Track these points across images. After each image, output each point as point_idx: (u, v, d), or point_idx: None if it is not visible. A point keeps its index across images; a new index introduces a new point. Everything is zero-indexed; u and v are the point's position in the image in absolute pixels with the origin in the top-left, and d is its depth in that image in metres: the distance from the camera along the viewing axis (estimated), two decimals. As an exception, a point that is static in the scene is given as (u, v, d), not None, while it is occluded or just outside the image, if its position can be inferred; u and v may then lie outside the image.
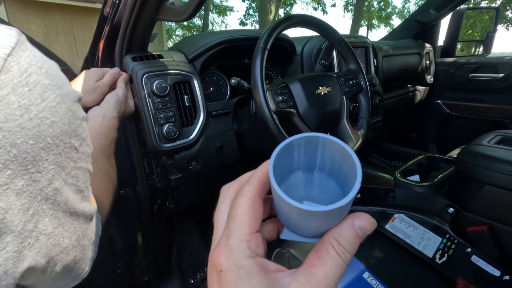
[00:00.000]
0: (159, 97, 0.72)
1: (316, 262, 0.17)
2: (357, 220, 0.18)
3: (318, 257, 0.18)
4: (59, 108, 0.23)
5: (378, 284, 0.68)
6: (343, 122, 0.80)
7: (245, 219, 0.18)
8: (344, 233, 0.18)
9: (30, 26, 5.68)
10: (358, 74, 0.85)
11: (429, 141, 1.71)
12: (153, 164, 0.84)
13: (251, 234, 0.18)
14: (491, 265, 0.77)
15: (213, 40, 0.84)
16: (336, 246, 0.17)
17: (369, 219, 0.18)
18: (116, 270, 0.97)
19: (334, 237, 0.18)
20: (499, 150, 0.85)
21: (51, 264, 0.24)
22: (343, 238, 0.18)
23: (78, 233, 0.27)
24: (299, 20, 0.75)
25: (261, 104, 0.66)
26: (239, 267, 0.17)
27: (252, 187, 0.20)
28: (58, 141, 0.23)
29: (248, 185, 0.20)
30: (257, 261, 0.17)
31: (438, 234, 0.84)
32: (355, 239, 0.18)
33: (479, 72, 1.47)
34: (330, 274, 0.17)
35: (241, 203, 0.19)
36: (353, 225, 0.18)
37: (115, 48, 0.76)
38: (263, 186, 0.20)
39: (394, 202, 0.94)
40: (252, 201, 0.19)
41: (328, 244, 0.18)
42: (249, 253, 0.17)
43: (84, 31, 6.43)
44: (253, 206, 0.19)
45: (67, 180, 0.25)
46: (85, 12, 6.34)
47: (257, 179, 0.20)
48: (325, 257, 0.17)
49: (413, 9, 13.58)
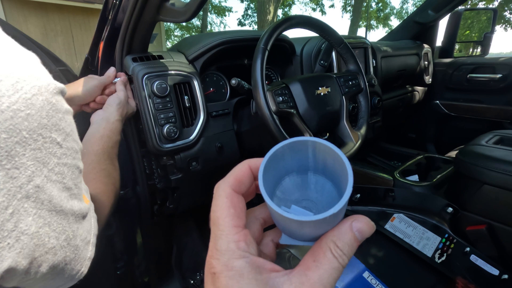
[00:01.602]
0: (159, 97, 0.72)
1: (311, 264, 0.17)
2: (356, 223, 0.18)
3: (314, 259, 0.17)
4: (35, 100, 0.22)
5: (378, 283, 0.68)
6: (343, 122, 0.81)
7: (226, 220, 0.18)
8: (342, 236, 0.18)
9: (28, 26, 5.66)
10: (357, 75, 0.85)
11: (428, 141, 1.72)
12: (154, 164, 0.84)
13: (238, 233, 0.18)
14: (489, 264, 0.77)
15: (213, 41, 0.84)
16: (334, 249, 0.17)
17: (368, 223, 0.18)
18: (116, 271, 0.97)
19: (332, 239, 0.18)
20: (497, 150, 0.85)
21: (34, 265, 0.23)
22: (341, 241, 0.17)
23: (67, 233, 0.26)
24: (299, 21, 0.76)
25: (262, 105, 0.66)
26: (230, 269, 0.17)
27: (227, 185, 0.19)
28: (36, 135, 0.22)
29: (223, 183, 0.20)
30: (250, 261, 0.17)
31: (437, 234, 0.85)
32: (353, 242, 0.18)
33: (477, 73, 1.48)
34: (326, 277, 0.17)
35: (219, 205, 0.19)
36: (351, 228, 0.18)
37: (115, 49, 0.77)
38: (239, 181, 0.20)
39: (394, 202, 0.95)
40: (229, 199, 0.19)
41: (326, 246, 0.17)
42: (240, 254, 0.17)
43: (82, 31, 6.41)
44: (232, 204, 0.19)
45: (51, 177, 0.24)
46: (84, 13, 6.33)
47: (233, 176, 0.20)
48: (321, 260, 0.17)
49: (411, 10, 13.63)
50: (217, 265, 0.17)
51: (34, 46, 0.71)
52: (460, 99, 1.56)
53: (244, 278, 0.16)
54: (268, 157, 0.18)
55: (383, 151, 1.44)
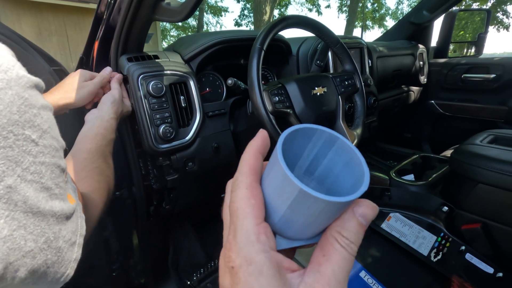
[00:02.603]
0: (155, 97, 0.72)
1: (322, 260, 0.17)
2: (358, 208, 0.17)
3: (324, 253, 0.17)
4: (4, 95, 0.21)
5: (374, 282, 0.69)
6: (339, 122, 0.81)
7: (247, 210, 0.17)
8: (346, 224, 0.17)
9: (22, 26, 5.60)
10: (353, 75, 0.85)
11: (423, 141, 1.73)
12: (149, 165, 0.83)
13: (258, 225, 0.17)
14: (484, 263, 0.78)
15: (209, 40, 0.84)
16: (340, 239, 0.17)
17: (370, 205, 0.18)
18: (111, 272, 0.96)
19: (337, 230, 0.17)
20: (491, 149, 0.86)
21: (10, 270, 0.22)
22: (346, 229, 0.17)
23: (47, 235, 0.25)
24: (295, 21, 0.76)
25: (258, 105, 0.66)
26: (250, 263, 0.16)
27: (245, 175, 0.18)
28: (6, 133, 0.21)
29: (240, 175, 0.19)
30: (269, 256, 0.16)
31: (433, 233, 0.85)
32: (359, 228, 0.17)
33: (471, 73, 1.49)
34: (339, 270, 0.16)
35: (239, 196, 0.18)
36: (354, 214, 0.17)
37: (110, 49, 0.76)
38: (255, 171, 0.19)
39: (390, 201, 0.95)
40: (250, 190, 0.18)
41: (332, 238, 0.17)
42: (260, 247, 0.16)
43: (77, 31, 6.36)
44: (252, 194, 0.18)
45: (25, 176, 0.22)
46: (79, 12, 6.28)
47: (247, 165, 0.19)
48: (330, 253, 0.17)
49: (406, 11, 13.72)
50: (236, 259, 0.16)
51: (28, 46, 0.70)
52: (454, 99, 1.57)
53: (264, 275, 0.16)
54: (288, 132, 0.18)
55: (379, 150, 1.45)
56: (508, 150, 0.84)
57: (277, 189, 0.17)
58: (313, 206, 0.16)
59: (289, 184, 0.15)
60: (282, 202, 0.17)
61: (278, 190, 0.17)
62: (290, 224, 0.18)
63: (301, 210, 0.16)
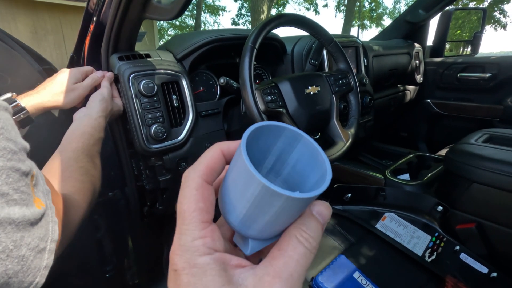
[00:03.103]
0: (146, 97, 0.71)
1: (276, 254, 0.16)
2: (313, 207, 0.18)
3: (279, 248, 0.16)
4: None
5: (368, 283, 0.68)
6: (333, 121, 0.80)
7: (194, 214, 0.17)
8: (305, 220, 0.17)
9: (17, 25, 5.56)
10: (347, 74, 0.85)
11: (419, 140, 1.73)
12: (142, 165, 0.82)
13: (205, 229, 0.17)
14: (479, 263, 0.78)
15: (202, 39, 0.83)
16: (299, 233, 0.16)
17: (324, 204, 0.18)
18: (105, 274, 0.95)
19: (295, 226, 0.17)
20: (486, 149, 0.86)
21: None
22: (305, 225, 0.17)
23: (5, 244, 0.23)
24: (289, 19, 0.75)
25: (250, 104, 0.65)
26: (193, 266, 0.16)
27: (198, 174, 0.17)
28: None
29: (193, 172, 0.18)
30: (215, 257, 0.16)
31: (428, 233, 0.85)
32: (317, 224, 0.17)
33: (467, 72, 1.49)
34: (292, 263, 0.16)
35: (187, 196, 0.17)
36: (311, 211, 0.17)
37: (101, 47, 0.75)
38: (212, 170, 0.18)
39: (385, 201, 0.95)
40: (199, 191, 0.17)
41: (291, 234, 0.17)
42: (204, 250, 0.16)
43: (73, 30, 6.31)
44: (201, 197, 0.17)
45: None
46: (75, 11, 6.23)
47: (204, 163, 0.18)
48: (286, 248, 0.16)
49: (404, 10, 13.77)
50: (179, 262, 0.16)
51: (15, 44, 0.69)
52: (450, 98, 1.57)
53: (207, 275, 0.15)
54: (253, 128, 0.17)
55: (374, 150, 1.44)
56: (502, 149, 0.84)
57: (239, 186, 0.16)
58: (275, 203, 0.15)
59: (252, 179, 0.15)
60: (244, 199, 0.16)
61: (241, 186, 0.16)
62: (251, 222, 0.17)
63: (264, 207, 0.16)
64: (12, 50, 0.68)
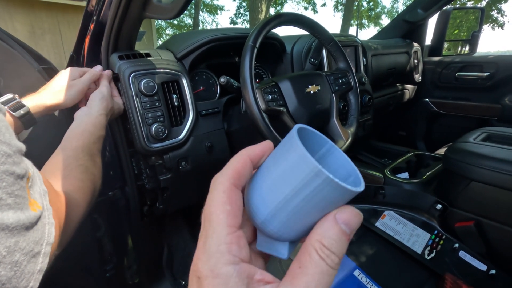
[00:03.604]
0: (147, 96, 0.71)
1: (297, 272, 0.15)
2: (340, 214, 0.15)
3: (300, 265, 0.15)
4: None
5: (368, 281, 0.68)
6: (333, 120, 0.80)
7: (221, 217, 0.16)
8: (327, 232, 0.15)
9: (14, 24, 5.52)
10: (347, 73, 0.85)
11: (418, 139, 1.74)
12: (142, 164, 0.82)
13: (231, 234, 0.16)
14: (478, 260, 0.78)
15: (202, 38, 0.83)
16: (320, 249, 0.15)
17: (354, 211, 0.16)
18: (105, 273, 0.95)
19: (317, 238, 0.15)
20: (485, 147, 0.86)
21: None
22: (327, 238, 0.15)
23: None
24: (289, 19, 0.75)
25: (251, 103, 0.65)
26: (216, 275, 0.15)
27: (226, 177, 0.17)
28: None
29: (221, 175, 0.18)
30: (239, 269, 0.15)
31: (427, 231, 0.86)
32: (341, 237, 0.15)
33: (465, 71, 1.50)
34: (313, 284, 0.15)
35: (215, 199, 0.17)
36: (336, 221, 0.15)
37: (101, 46, 0.75)
38: (239, 174, 0.18)
39: (384, 199, 0.95)
40: (227, 194, 0.17)
41: (311, 248, 0.15)
42: (229, 258, 0.15)
43: (71, 29, 6.28)
44: (229, 200, 0.17)
45: None
46: (73, 10, 6.20)
47: (232, 168, 0.18)
48: (307, 265, 0.15)
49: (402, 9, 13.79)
50: (203, 269, 0.15)
51: (15, 43, 0.69)
52: (449, 97, 1.58)
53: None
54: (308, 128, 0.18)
55: (373, 149, 1.45)
56: (501, 148, 0.85)
57: (281, 175, 0.16)
58: (321, 191, 0.15)
59: (305, 164, 0.14)
60: (287, 190, 0.16)
61: (284, 175, 0.16)
62: (289, 219, 0.17)
63: (304, 194, 0.15)
64: (11, 49, 0.68)
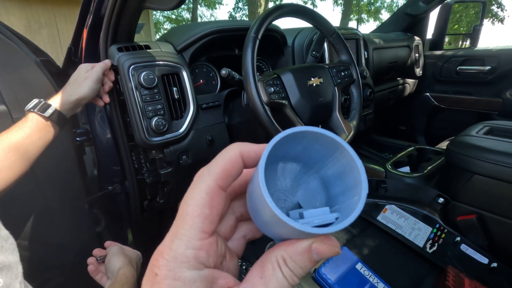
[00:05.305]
0: (147, 89, 0.70)
1: (258, 281, 0.15)
2: (318, 245, 0.15)
3: (262, 275, 0.15)
4: None
5: (371, 274, 0.68)
6: (335, 113, 0.80)
7: (196, 220, 0.15)
8: (297, 256, 0.15)
9: (10, 18, 5.44)
10: (349, 66, 0.84)
11: (418, 134, 1.74)
12: (142, 158, 0.82)
13: (202, 240, 0.15)
14: (479, 253, 0.79)
15: (202, 30, 0.82)
16: (284, 269, 0.15)
17: (332, 248, 0.15)
18: (105, 268, 0.95)
19: (283, 256, 0.15)
20: (487, 141, 0.86)
21: None
22: (294, 261, 0.15)
23: None
24: (291, 10, 0.74)
25: (253, 95, 0.64)
26: (176, 278, 0.14)
27: (212, 177, 0.16)
28: None
29: (208, 173, 0.16)
30: (203, 274, 0.15)
31: (429, 224, 0.86)
32: (307, 264, 0.15)
33: (467, 65, 1.49)
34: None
35: (195, 198, 0.15)
36: (310, 249, 0.15)
37: (99, 38, 0.73)
38: (227, 175, 0.16)
39: (386, 193, 0.95)
40: (209, 197, 0.15)
41: (275, 262, 0.15)
42: (194, 264, 0.15)
43: (68, 23, 6.20)
44: (210, 203, 0.15)
45: None
46: (69, 4, 6.12)
47: (221, 166, 0.16)
48: (269, 278, 0.15)
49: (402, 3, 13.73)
50: (163, 268, 0.14)
51: (12, 35, 0.67)
52: (449, 91, 1.57)
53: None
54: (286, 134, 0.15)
55: (374, 143, 1.45)
56: (503, 141, 0.84)
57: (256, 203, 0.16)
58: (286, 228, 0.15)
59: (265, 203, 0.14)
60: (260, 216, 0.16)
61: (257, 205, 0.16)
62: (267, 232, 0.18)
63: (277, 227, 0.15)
64: (8, 41, 0.67)
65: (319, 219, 0.15)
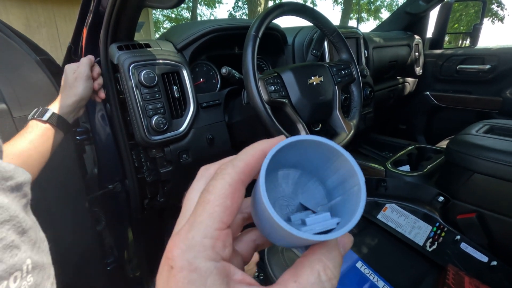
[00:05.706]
0: (147, 87, 0.70)
1: (292, 286, 0.14)
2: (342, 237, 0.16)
3: (296, 279, 0.14)
4: None
5: (371, 273, 0.68)
6: (336, 112, 0.80)
7: (217, 209, 0.15)
8: (331, 254, 0.15)
9: (9, 17, 5.43)
10: (350, 64, 0.84)
11: (418, 132, 1.74)
12: (142, 157, 0.82)
13: (221, 230, 0.15)
14: (479, 252, 0.79)
15: (202, 29, 0.82)
16: (323, 271, 0.15)
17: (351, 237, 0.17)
18: (106, 266, 0.95)
19: (320, 258, 0.15)
20: (487, 139, 0.86)
21: None
22: (331, 260, 0.15)
23: None
24: (291, 8, 0.74)
25: (253, 94, 0.64)
26: (193, 269, 0.14)
27: (236, 170, 0.16)
28: None
29: (232, 167, 0.16)
30: (219, 266, 0.14)
31: (429, 223, 0.86)
32: (340, 260, 0.16)
33: (467, 64, 1.49)
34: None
35: (218, 188, 0.15)
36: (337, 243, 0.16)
37: (99, 37, 0.73)
38: (250, 171, 0.16)
39: (386, 192, 0.95)
40: (232, 188, 0.15)
41: (313, 268, 0.15)
42: (211, 254, 0.14)
43: (67, 22, 6.19)
44: (232, 195, 0.15)
45: None
46: (68, 3, 6.11)
47: (245, 162, 0.16)
48: (305, 284, 0.14)
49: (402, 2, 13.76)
50: (179, 259, 0.14)
51: (12, 34, 0.67)
52: (449, 90, 1.57)
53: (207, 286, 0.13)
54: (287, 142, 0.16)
55: (374, 142, 1.45)
56: (503, 140, 0.84)
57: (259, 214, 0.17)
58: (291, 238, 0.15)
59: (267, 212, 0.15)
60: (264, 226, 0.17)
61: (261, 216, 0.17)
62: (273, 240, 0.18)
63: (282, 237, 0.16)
64: (9, 39, 0.67)
65: (321, 226, 0.16)
